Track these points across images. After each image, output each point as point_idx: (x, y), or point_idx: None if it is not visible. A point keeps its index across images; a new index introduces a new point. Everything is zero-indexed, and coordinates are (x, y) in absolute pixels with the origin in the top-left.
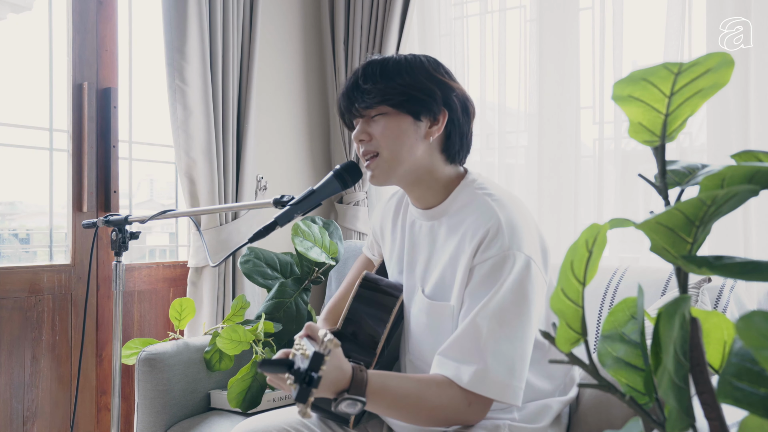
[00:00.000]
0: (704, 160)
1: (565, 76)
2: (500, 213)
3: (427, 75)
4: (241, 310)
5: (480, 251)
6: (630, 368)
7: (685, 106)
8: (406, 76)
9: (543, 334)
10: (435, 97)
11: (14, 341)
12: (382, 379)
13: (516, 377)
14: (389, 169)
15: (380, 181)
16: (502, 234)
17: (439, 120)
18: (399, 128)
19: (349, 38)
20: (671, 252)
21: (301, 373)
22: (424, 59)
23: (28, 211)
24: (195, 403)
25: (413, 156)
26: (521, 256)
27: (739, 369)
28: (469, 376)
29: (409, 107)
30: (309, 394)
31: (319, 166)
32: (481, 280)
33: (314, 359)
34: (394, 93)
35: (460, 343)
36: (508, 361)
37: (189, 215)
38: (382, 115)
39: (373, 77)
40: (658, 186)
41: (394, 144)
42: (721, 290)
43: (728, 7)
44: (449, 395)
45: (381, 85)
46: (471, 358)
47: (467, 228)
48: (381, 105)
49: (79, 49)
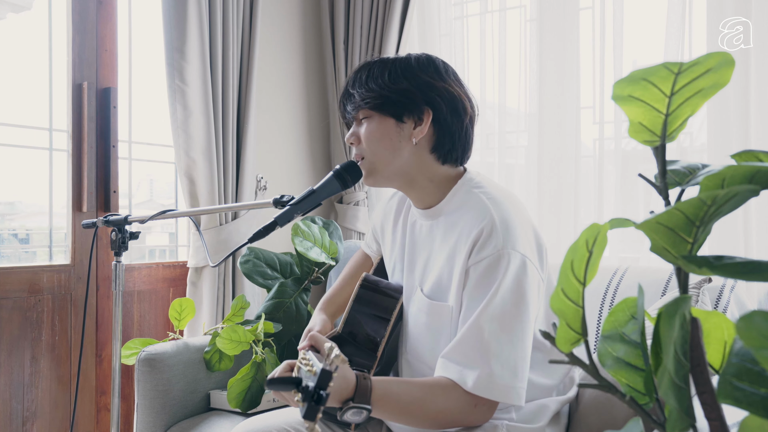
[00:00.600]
0: (705, 160)
1: (565, 76)
2: (494, 211)
3: (410, 75)
4: (240, 311)
5: (475, 251)
6: (630, 368)
7: (686, 106)
8: (386, 78)
9: (543, 335)
10: (413, 98)
11: (14, 341)
12: (386, 385)
13: (519, 378)
14: (374, 171)
15: (370, 182)
16: (497, 233)
17: (423, 120)
18: (380, 130)
19: (349, 38)
20: (671, 252)
21: (310, 392)
22: (413, 59)
23: (28, 211)
24: (195, 403)
25: (399, 158)
26: (516, 255)
27: (739, 369)
28: (473, 380)
29: (388, 109)
30: (317, 412)
31: (319, 165)
32: (477, 282)
33: (322, 377)
34: (371, 96)
35: (463, 347)
36: (510, 363)
37: (189, 215)
38: (366, 118)
39: (359, 81)
40: (658, 186)
41: (376, 146)
42: (721, 290)
43: (728, 6)
44: (454, 398)
45: (363, 89)
46: (474, 362)
47: (463, 227)
48: (363, 109)
49: (78, 48)
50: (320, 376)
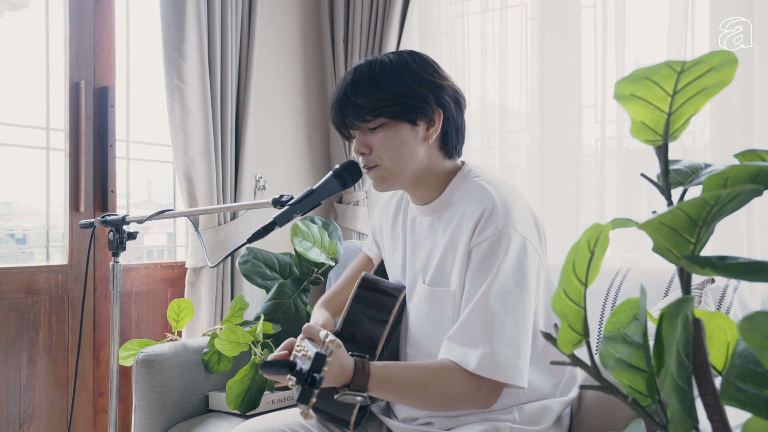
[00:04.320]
0: (707, 159)
1: (566, 75)
2: (494, 193)
3: (417, 78)
4: (239, 311)
5: (477, 232)
6: (632, 369)
7: (688, 105)
8: (395, 84)
9: (544, 335)
10: (428, 100)
11: (10, 342)
12: (386, 370)
13: (521, 358)
14: (392, 178)
15: (384, 189)
16: (497, 213)
17: (435, 121)
18: (398, 138)
19: (349, 36)
20: (674, 252)
21: (303, 374)
22: (409, 60)
23: (25, 211)
24: (193, 405)
25: (415, 161)
26: (516, 236)
27: (742, 370)
28: (476, 360)
29: (405, 116)
30: (311, 395)
31: (318, 165)
32: (479, 263)
33: (316, 360)
34: (388, 104)
35: (466, 328)
36: (513, 343)
37: (187, 215)
38: (380, 126)
39: (363, 89)
40: (660, 186)
41: (394, 154)
42: (724, 291)
43: (732, 5)
44: (457, 380)
45: (372, 97)
46: (477, 342)
47: (464, 213)
48: (377, 118)
49: (76, 47)
50: (314, 360)
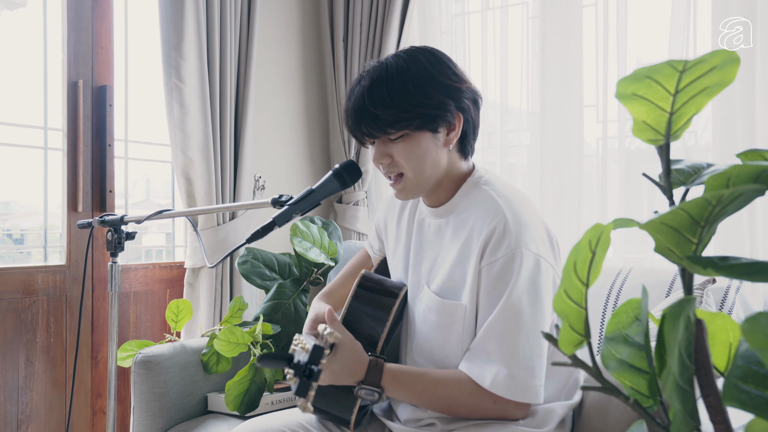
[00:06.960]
0: (709, 159)
1: (568, 74)
2: (506, 210)
3: (437, 85)
4: (238, 312)
5: (488, 252)
6: (634, 371)
7: (690, 105)
8: (416, 94)
9: (545, 336)
10: (449, 107)
11: (8, 343)
12: (398, 374)
13: (536, 377)
14: (417, 187)
15: (407, 198)
16: (509, 232)
17: (455, 125)
18: (420, 147)
19: (349, 35)
20: (676, 252)
21: (301, 367)
22: (426, 63)
23: (23, 211)
24: (192, 406)
25: (438, 168)
26: (529, 255)
27: (744, 371)
28: (491, 378)
29: (427, 126)
30: (309, 388)
31: (318, 165)
32: (493, 283)
33: (314, 352)
34: (410, 116)
35: (483, 345)
36: (527, 362)
37: (186, 215)
38: (402, 136)
39: (382, 99)
40: (662, 185)
41: (418, 164)
42: (726, 291)
43: (733, 5)
44: (470, 394)
45: (393, 109)
46: (493, 361)
47: (474, 224)
48: (400, 131)
49: (74, 46)
50: (312, 352)
